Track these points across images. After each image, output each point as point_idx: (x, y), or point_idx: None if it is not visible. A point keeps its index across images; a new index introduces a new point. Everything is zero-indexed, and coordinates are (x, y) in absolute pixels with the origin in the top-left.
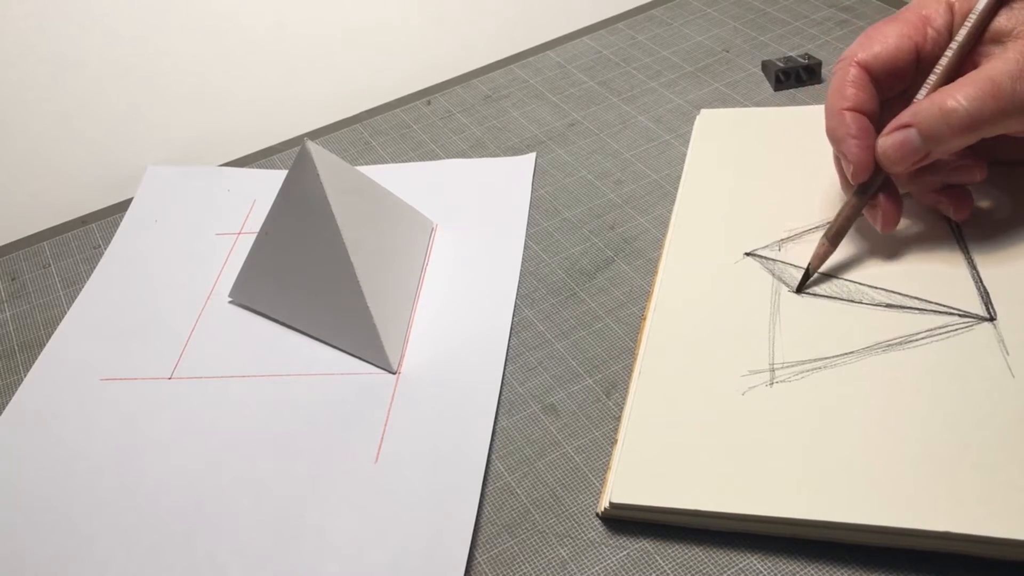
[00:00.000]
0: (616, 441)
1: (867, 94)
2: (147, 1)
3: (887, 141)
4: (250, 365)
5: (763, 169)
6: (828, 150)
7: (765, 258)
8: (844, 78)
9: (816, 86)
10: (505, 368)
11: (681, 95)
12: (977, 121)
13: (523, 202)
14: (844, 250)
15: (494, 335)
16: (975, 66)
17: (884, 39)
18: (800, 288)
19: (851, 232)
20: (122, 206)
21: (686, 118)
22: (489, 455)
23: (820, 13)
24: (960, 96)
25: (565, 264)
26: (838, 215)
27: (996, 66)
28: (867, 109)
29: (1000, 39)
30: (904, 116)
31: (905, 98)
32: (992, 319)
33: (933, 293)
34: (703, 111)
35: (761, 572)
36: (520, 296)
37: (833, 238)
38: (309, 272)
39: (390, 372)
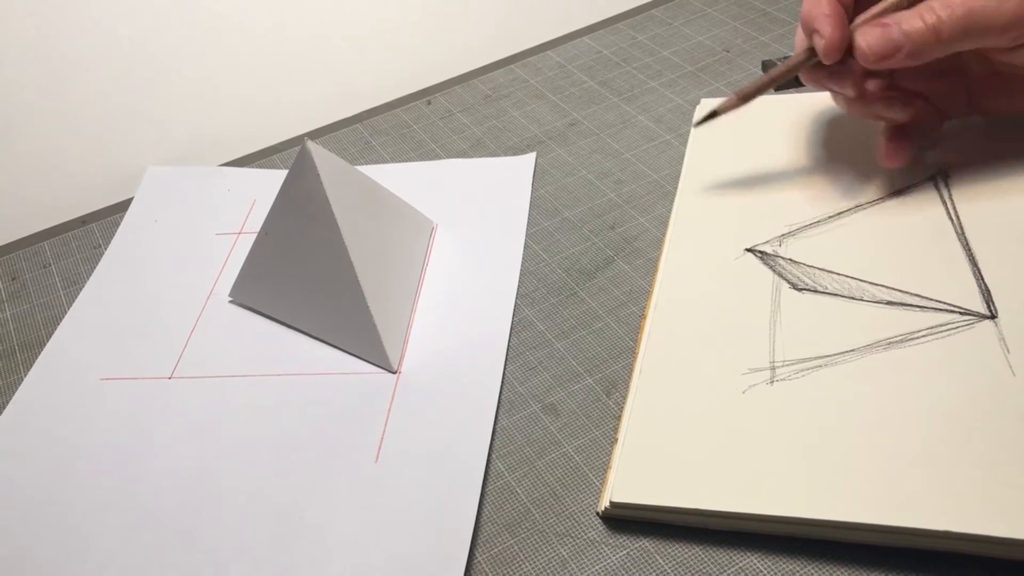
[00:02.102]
0: (616, 440)
1: None
2: (147, 1)
3: (864, 34)
4: (250, 365)
5: (763, 161)
6: (829, 142)
7: (766, 254)
8: None
9: None
10: (505, 368)
11: (681, 95)
12: (951, 35)
13: (523, 202)
14: (846, 247)
15: (494, 335)
16: None
17: None
18: (698, 124)
19: (852, 230)
20: (122, 206)
21: (686, 118)
22: (489, 455)
23: None
24: (941, 5)
25: (565, 264)
26: (783, 65)
27: None
28: None
29: None
30: (888, 20)
31: None
32: (993, 317)
33: (934, 290)
34: (703, 100)
35: (761, 572)
36: (520, 296)
37: (762, 86)
38: (309, 272)
39: (390, 372)
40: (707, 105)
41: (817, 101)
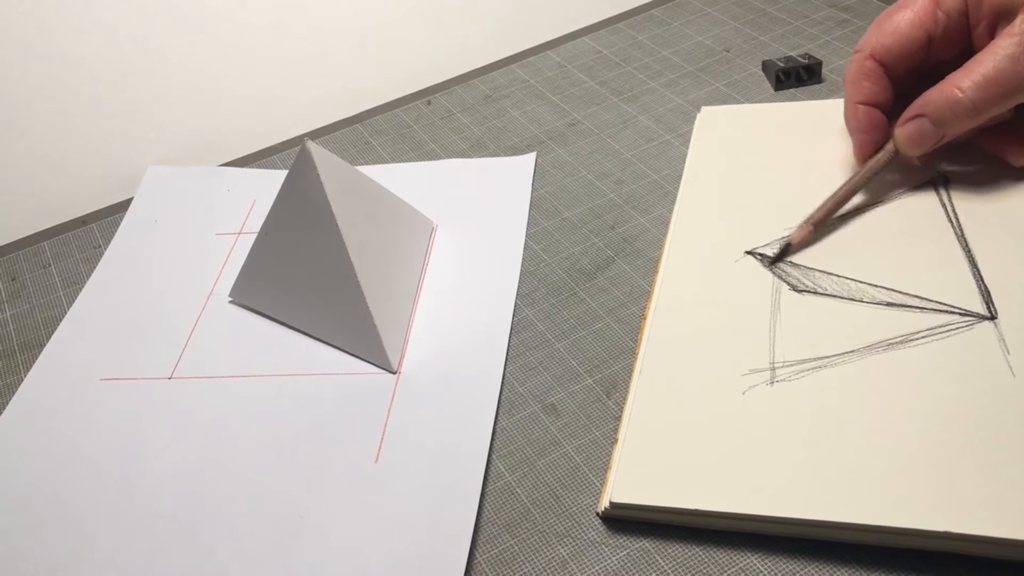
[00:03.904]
0: (616, 441)
1: (880, 86)
2: (147, 1)
3: (903, 132)
4: (250, 365)
5: (764, 167)
6: (828, 147)
7: (766, 256)
8: (860, 71)
9: (816, 86)
10: (505, 368)
11: (681, 95)
12: (981, 107)
13: (523, 202)
14: (845, 248)
15: (494, 335)
16: (991, 33)
17: (896, 30)
18: (774, 261)
19: (854, 230)
20: (122, 206)
21: (686, 118)
22: (489, 455)
23: (820, 13)
24: (965, 85)
25: (565, 264)
26: (844, 186)
27: (999, 47)
28: (879, 101)
29: (1012, 11)
30: (915, 107)
31: (915, 74)
32: (993, 318)
33: (934, 292)
34: (704, 108)
35: (761, 572)
36: (520, 296)
37: (841, 200)
38: (309, 272)
39: (390, 372)
40: (708, 113)
41: (818, 107)
